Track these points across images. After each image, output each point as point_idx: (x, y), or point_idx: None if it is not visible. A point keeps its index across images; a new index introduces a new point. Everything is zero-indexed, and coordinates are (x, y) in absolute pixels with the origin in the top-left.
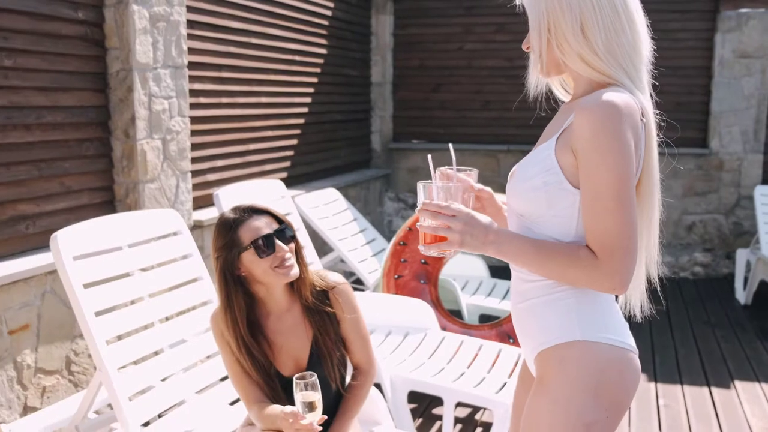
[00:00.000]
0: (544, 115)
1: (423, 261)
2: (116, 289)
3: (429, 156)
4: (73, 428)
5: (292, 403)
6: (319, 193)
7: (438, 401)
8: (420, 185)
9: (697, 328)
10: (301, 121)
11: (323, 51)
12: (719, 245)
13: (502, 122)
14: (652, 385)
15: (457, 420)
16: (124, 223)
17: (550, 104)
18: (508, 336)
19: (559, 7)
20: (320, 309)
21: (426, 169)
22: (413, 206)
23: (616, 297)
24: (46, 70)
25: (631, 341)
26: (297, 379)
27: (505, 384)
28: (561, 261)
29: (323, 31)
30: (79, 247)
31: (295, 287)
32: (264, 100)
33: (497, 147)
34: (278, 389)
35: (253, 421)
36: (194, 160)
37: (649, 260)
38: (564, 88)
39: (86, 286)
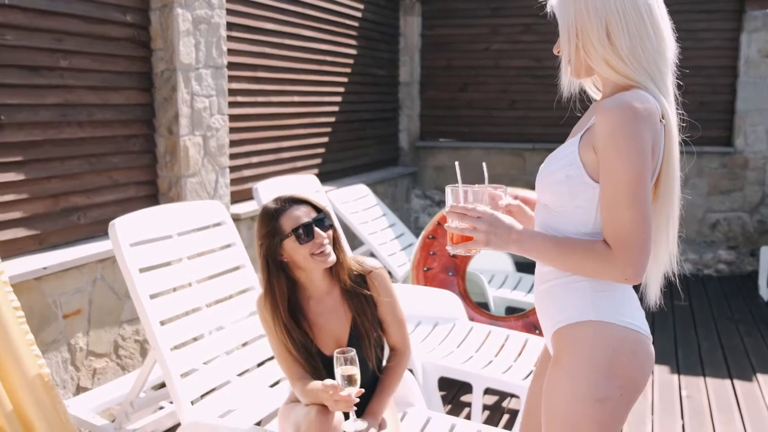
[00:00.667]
0: (579, 115)
1: (451, 254)
2: (167, 275)
3: (456, 163)
4: (128, 404)
5: (333, 379)
6: (350, 188)
7: (466, 389)
8: (448, 189)
9: (720, 323)
10: (332, 119)
11: (353, 51)
12: (743, 243)
13: (528, 121)
14: (675, 377)
15: (484, 407)
16: (173, 213)
17: (584, 104)
18: (534, 327)
19: (586, 13)
20: (358, 292)
21: (453, 169)
22: (440, 203)
23: (636, 288)
24: (97, 70)
25: (644, 326)
26: (337, 353)
27: (531, 372)
28: (579, 254)
29: (353, 32)
30: (135, 234)
31: (333, 272)
32: (296, 99)
33: (523, 145)
34: (320, 368)
35: (298, 397)
36: (231, 157)
37: (668, 254)
38: (596, 87)
39: (141, 270)
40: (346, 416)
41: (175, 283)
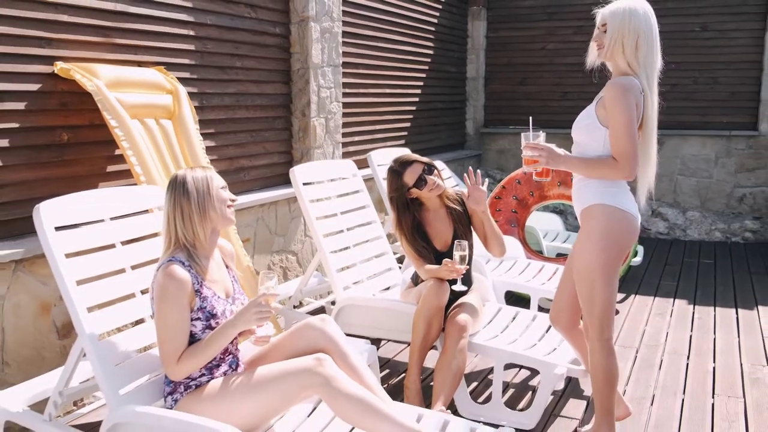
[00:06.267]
0: (596, 82)
1: (513, 210)
2: (323, 207)
3: (530, 118)
4: (299, 291)
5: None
6: None
7: None
8: (522, 134)
9: (737, 274)
10: (413, 108)
11: (429, 52)
12: (767, 214)
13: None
14: (691, 307)
15: None
16: (324, 166)
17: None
18: None
19: (627, 31)
20: (457, 209)
21: (511, 152)
22: (501, 181)
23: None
24: (257, 68)
25: (632, 209)
26: (457, 242)
27: None
28: (600, 165)
29: (429, 36)
30: (304, 177)
31: (442, 195)
32: (387, 90)
33: None
34: (432, 258)
35: (420, 275)
36: (342, 135)
37: (648, 180)
38: (608, 67)
39: (311, 201)
40: (452, 284)
41: (327, 212)
